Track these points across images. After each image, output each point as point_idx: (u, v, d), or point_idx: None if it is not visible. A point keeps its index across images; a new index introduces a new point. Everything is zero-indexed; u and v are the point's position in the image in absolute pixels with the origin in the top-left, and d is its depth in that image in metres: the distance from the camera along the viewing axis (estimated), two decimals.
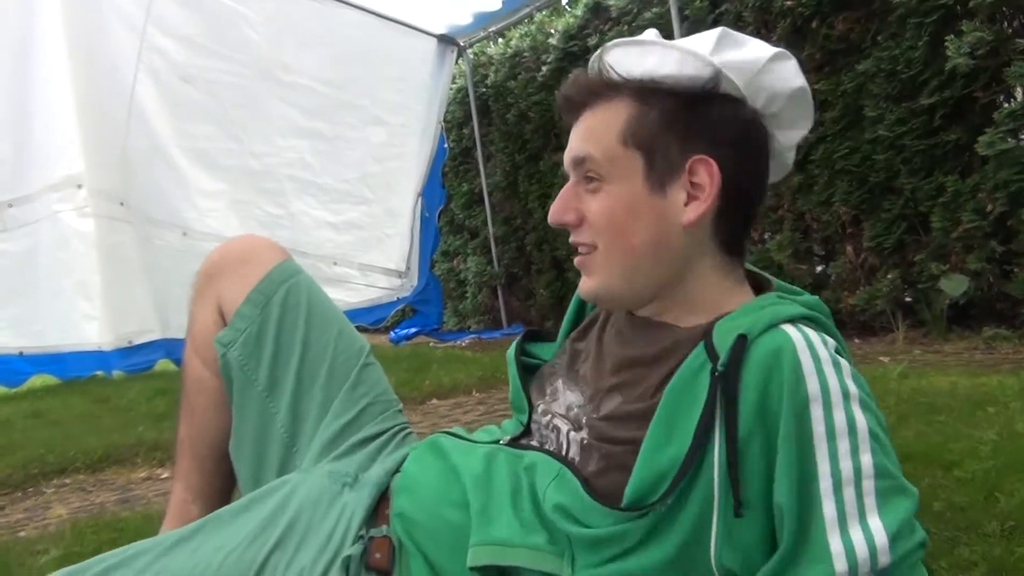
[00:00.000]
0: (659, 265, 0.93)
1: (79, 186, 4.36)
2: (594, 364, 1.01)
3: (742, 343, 0.80)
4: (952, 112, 3.30)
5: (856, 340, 3.52)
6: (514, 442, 1.02)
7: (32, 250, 4.40)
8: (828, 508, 0.73)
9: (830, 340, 0.82)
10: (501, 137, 6.30)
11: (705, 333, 0.85)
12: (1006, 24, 3.20)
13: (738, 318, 0.85)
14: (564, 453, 0.95)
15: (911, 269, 3.51)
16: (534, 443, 1.01)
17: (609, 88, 0.94)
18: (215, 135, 5.01)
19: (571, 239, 0.98)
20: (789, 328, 0.81)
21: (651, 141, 0.91)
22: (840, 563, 0.71)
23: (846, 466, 0.74)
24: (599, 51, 0.97)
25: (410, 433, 1.25)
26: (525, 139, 6.03)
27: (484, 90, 6.46)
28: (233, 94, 5.02)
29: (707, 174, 0.90)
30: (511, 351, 1.14)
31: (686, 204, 0.91)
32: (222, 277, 1.25)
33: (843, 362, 0.79)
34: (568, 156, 0.97)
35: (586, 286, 0.98)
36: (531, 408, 1.05)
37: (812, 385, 0.76)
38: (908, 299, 3.52)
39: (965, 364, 2.75)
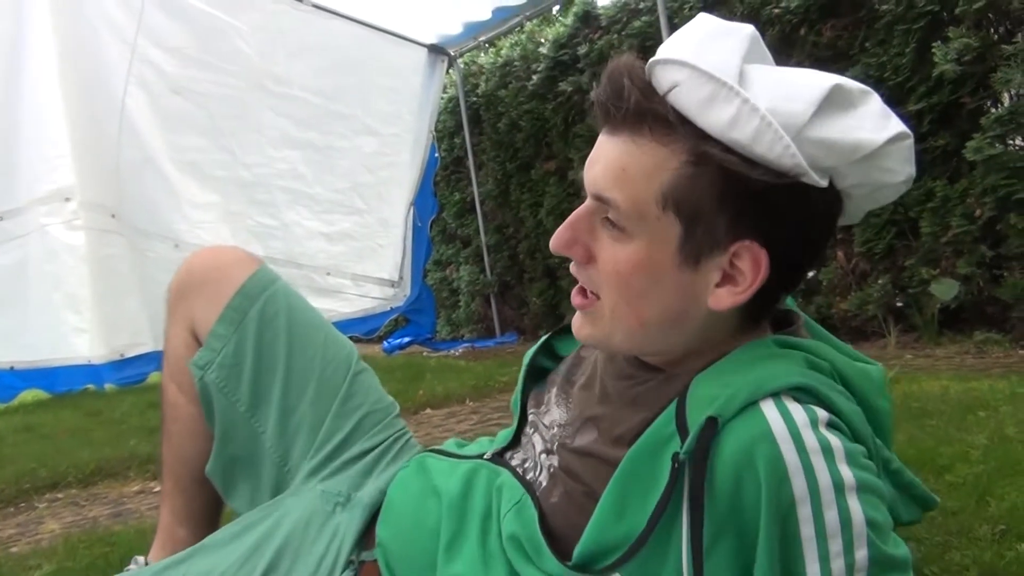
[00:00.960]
0: (669, 337, 0.81)
1: (67, 199, 4.34)
2: (586, 384, 0.93)
3: (711, 428, 0.69)
4: (940, 118, 3.33)
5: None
6: (500, 454, 0.99)
7: (22, 263, 4.38)
8: None
9: (820, 414, 0.70)
10: (492, 146, 6.31)
11: (682, 390, 0.76)
12: (992, 30, 3.22)
13: (716, 379, 0.75)
14: (535, 474, 0.91)
15: (902, 274, 3.53)
16: (516, 458, 0.97)
17: (661, 124, 0.75)
18: (206, 146, 5.00)
19: (573, 271, 0.85)
20: (769, 409, 0.69)
21: (695, 211, 0.75)
22: None
23: (838, 566, 0.67)
24: (664, 59, 0.76)
25: (409, 439, 1.20)
26: (516, 148, 6.04)
27: (475, 99, 6.47)
28: (224, 105, 5.02)
29: (753, 264, 0.75)
30: (530, 351, 1.06)
31: (718, 285, 0.77)
32: (192, 295, 1.18)
33: (834, 443, 0.69)
34: (591, 182, 0.80)
35: (583, 332, 0.86)
36: (524, 417, 1.02)
37: (798, 485, 0.67)
38: (899, 304, 3.53)
39: (956, 368, 2.76)
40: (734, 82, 0.72)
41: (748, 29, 0.78)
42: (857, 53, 3.61)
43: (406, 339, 6.51)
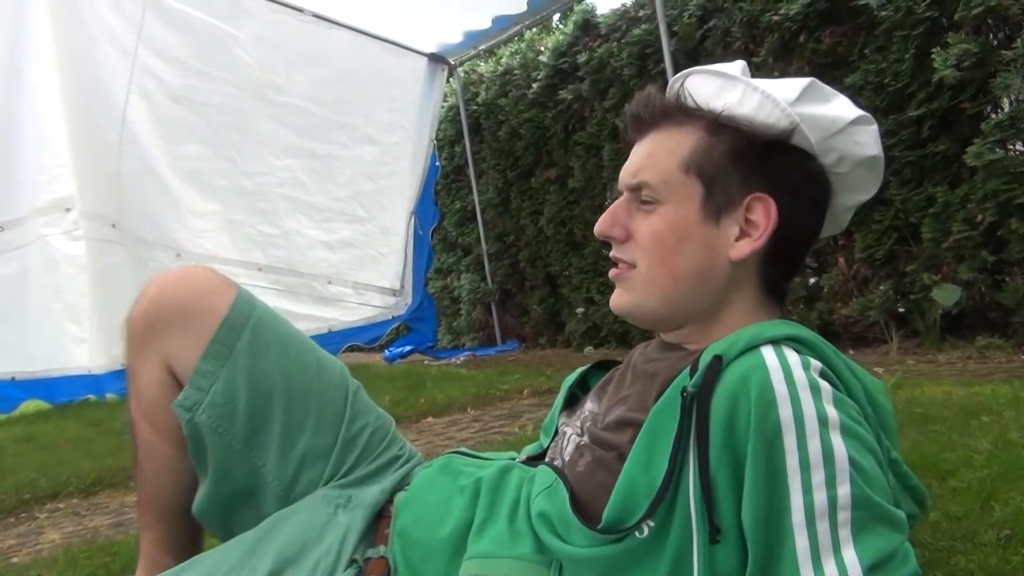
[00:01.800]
0: (698, 294, 0.92)
1: (68, 209, 4.35)
2: (619, 377, 1.01)
3: (716, 364, 0.78)
4: (940, 123, 3.33)
5: (850, 351, 3.52)
6: (529, 461, 1.02)
7: (22, 273, 4.38)
8: (801, 542, 0.71)
9: (814, 362, 0.78)
10: (493, 154, 6.33)
11: (699, 356, 0.83)
12: (991, 36, 3.23)
13: (728, 339, 0.83)
14: (563, 455, 0.95)
15: (903, 280, 3.53)
16: (547, 456, 1.01)
17: (681, 112, 0.94)
18: (207, 155, 5.02)
19: (612, 253, 0.97)
20: (766, 350, 0.78)
21: (713, 172, 0.91)
22: None
23: (820, 498, 0.71)
24: (681, 74, 0.97)
25: (411, 450, 1.18)
26: (517, 156, 6.05)
27: (475, 108, 6.49)
28: (225, 115, 5.04)
29: (764, 213, 0.90)
30: (569, 378, 1.12)
31: (737, 239, 0.91)
32: (166, 329, 1.08)
33: (824, 385, 0.76)
34: (624, 177, 0.96)
35: (619, 300, 0.97)
36: (556, 433, 1.04)
37: (784, 412, 0.73)
38: (901, 310, 3.53)
39: (959, 374, 2.75)
40: (738, 75, 0.93)
41: (740, 63, 0.99)
42: (856, 60, 3.61)
43: (407, 348, 6.51)
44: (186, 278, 1.11)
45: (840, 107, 0.93)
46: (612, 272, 0.98)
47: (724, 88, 0.92)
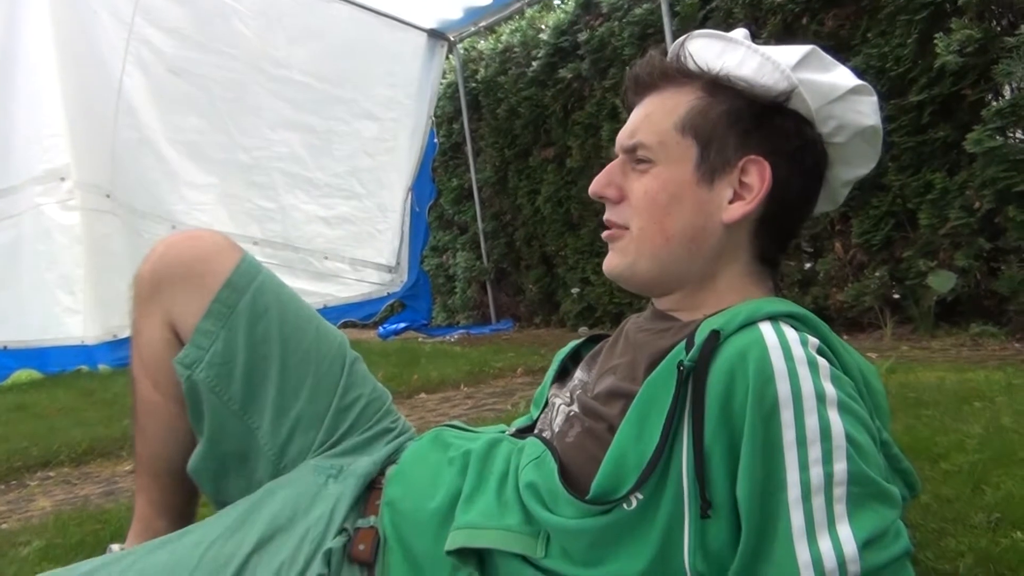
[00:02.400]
0: (690, 257, 0.92)
1: (62, 179, 4.32)
2: (610, 346, 1.01)
3: (714, 339, 0.77)
4: (941, 109, 3.32)
5: (844, 337, 3.51)
6: (519, 433, 1.02)
7: (15, 243, 4.37)
8: (796, 517, 0.70)
9: (812, 339, 0.78)
10: (491, 132, 6.30)
11: (694, 329, 0.83)
12: (994, 22, 3.21)
13: (725, 314, 0.82)
14: (553, 426, 0.95)
15: (899, 266, 3.53)
16: (536, 428, 1.01)
17: (681, 74, 0.94)
18: (205, 128, 4.98)
19: (605, 216, 0.97)
20: (765, 326, 0.77)
21: (709, 133, 0.90)
22: (807, 573, 0.69)
23: (816, 473, 0.71)
24: (683, 38, 0.96)
25: (404, 424, 1.19)
26: (515, 134, 6.02)
27: (474, 85, 6.45)
28: (223, 87, 5.00)
29: (758, 176, 0.89)
30: (562, 350, 1.12)
31: (731, 202, 0.90)
32: (170, 287, 1.09)
33: (822, 362, 0.75)
34: (621, 138, 0.96)
35: (612, 263, 0.97)
36: (547, 404, 1.04)
37: (782, 388, 0.72)
38: (896, 296, 3.53)
39: (952, 360, 2.76)
40: (739, 39, 0.93)
41: (743, 30, 0.97)
42: (859, 43, 3.59)
43: (402, 325, 6.51)
44: (194, 239, 1.13)
45: (840, 75, 0.92)
46: (605, 233, 0.98)
47: (725, 51, 0.92)
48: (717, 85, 0.91)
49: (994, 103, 3.12)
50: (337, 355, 1.14)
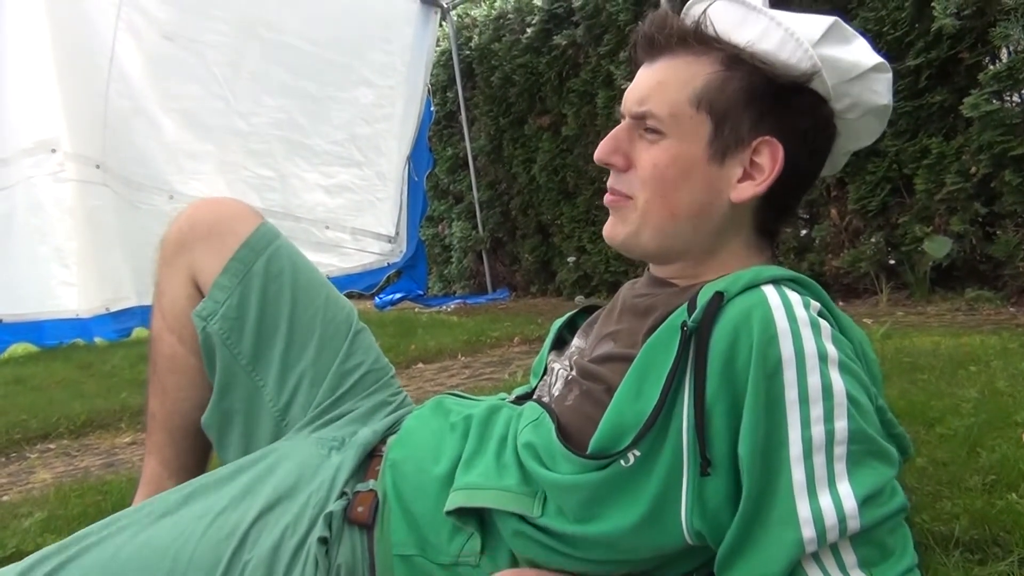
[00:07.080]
0: (695, 232, 0.92)
1: (52, 150, 4.27)
2: (607, 312, 1.02)
3: (717, 300, 0.78)
4: (938, 73, 3.30)
5: (840, 303, 3.54)
6: (518, 400, 1.03)
7: (8, 216, 4.32)
8: (797, 474, 0.72)
9: (814, 302, 0.79)
10: (485, 101, 6.24)
11: (695, 294, 0.84)
12: None
13: (727, 278, 0.83)
14: (551, 390, 0.97)
15: (895, 231, 3.53)
16: (535, 394, 1.02)
17: (699, 41, 0.90)
18: (200, 94, 4.87)
19: (609, 183, 0.95)
20: (768, 288, 0.78)
21: (725, 110, 0.88)
22: (808, 529, 0.70)
23: (818, 431, 0.72)
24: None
25: (405, 398, 1.22)
26: (510, 103, 5.98)
27: (468, 53, 6.38)
28: (217, 52, 4.89)
29: (771, 157, 0.88)
30: (558, 320, 1.13)
31: (740, 180, 0.89)
32: (194, 246, 1.16)
33: (823, 324, 0.77)
34: (629, 103, 0.93)
35: (614, 231, 0.96)
36: (545, 372, 1.05)
37: (785, 347, 0.74)
38: (892, 261, 3.54)
39: (948, 325, 2.77)
40: (761, 6, 0.89)
41: None
42: (855, 7, 3.56)
43: (398, 295, 6.49)
44: (219, 203, 1.22)
45: (860, 51, 0.90)
46: (607, 198, 0.96)
47: (747, 19, 0.89)
48: (736, 58, 0.88)
49: (991, 67, 3.10)
50: (343, 323, 1.20)
